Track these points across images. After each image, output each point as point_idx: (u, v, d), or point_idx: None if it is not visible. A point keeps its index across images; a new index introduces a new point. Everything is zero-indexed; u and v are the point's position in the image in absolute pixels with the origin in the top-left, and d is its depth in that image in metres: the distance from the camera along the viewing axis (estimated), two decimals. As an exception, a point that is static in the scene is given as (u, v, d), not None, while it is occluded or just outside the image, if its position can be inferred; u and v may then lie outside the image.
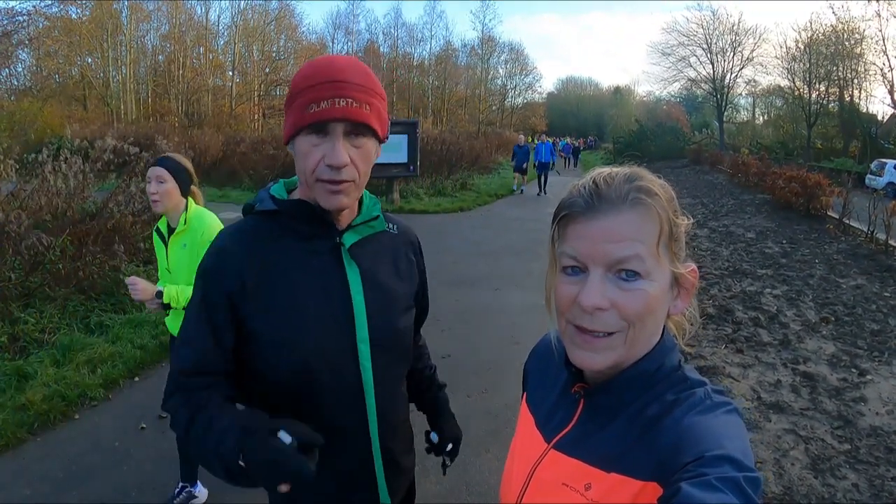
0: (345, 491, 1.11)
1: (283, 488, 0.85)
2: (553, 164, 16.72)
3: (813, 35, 32.65)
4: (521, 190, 16.35)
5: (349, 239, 1.06)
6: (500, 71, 53.95)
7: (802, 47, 33.16)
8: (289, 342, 1.00)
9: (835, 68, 31.52)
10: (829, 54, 31.50)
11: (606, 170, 0.70)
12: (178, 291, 2.18)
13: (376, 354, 1.06)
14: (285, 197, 1.07)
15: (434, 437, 1.39)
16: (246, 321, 1.00)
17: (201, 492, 2.62)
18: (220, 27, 39.81)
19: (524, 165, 16.03)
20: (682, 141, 33.38)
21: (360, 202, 1.11)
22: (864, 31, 29.86)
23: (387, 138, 1.04)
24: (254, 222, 1.06)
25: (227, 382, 1.04)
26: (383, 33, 49.44)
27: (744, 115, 45.02)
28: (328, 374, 1.02)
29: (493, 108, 53.32)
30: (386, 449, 1.12)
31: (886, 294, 6.03)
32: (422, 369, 1.41)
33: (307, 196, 1.03)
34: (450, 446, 1.40)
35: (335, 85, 0.92)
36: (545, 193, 15.44)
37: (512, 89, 54.57)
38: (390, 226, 1.17)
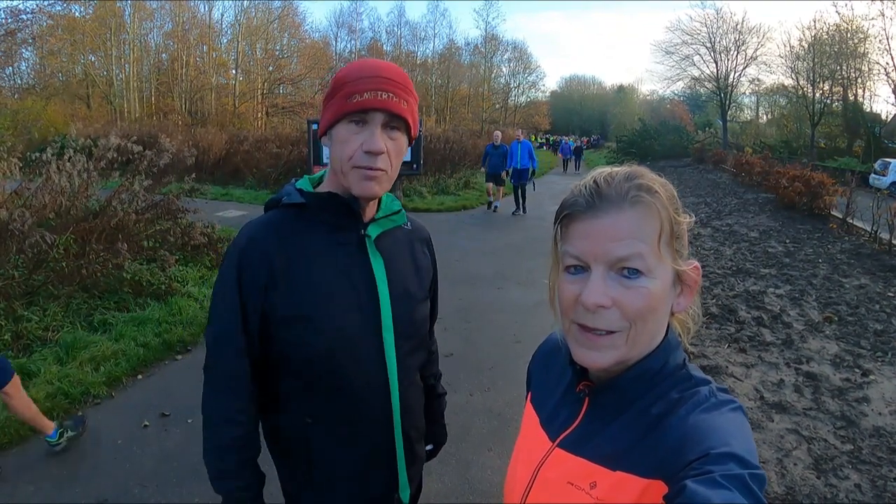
0: (367, 474, 1.14)
1: None
2: (533, 171, 11.72)
3: (817, 34, 32.58)
4: (495, 207, 12.01)
5: (374, 231, 1.10)
6: (504, 69, 54.07)
7: (806, 46, 33.08)
8: (315, 327, 1.04)
9: (839, 67, 31.44)
10: (833, 53, 31.41)
11: (607, 169, 0.70)
12: None
13: (399, 342, 1.11)
14: (312, 191, 1.11)
15: None
16: (274, 307, 1.05)
17: None
18: (224, 25, 39.95)
19: (501, 173, 11.76)
20: (685, 140, 33.35)
21: (379, 198, 1.15)
22: (868, 30, 29.79)
23: (413, 141, 1.09)
24: (281, 215, 1.10)
25: (255, 384, 1.11)
26: (386, 31, 49.67)
27: (747, 114, 44.96)
28: (354, 360, 1.07)
29: (497, 106, 53.31)
30: (406, 435, 1.16)
31: (890, 294, 6.01)
32: (428, 376, 1.42)
33: (336, 188, 1.07)
34: (429, 447, 1.44)
35: (377, 79, 0.99)
36: (523, 211, 11.65)
37: (515, 87, 54.60)
38: (405, 222, 1.21)
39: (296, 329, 1.04)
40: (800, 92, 33.91)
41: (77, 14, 31.32)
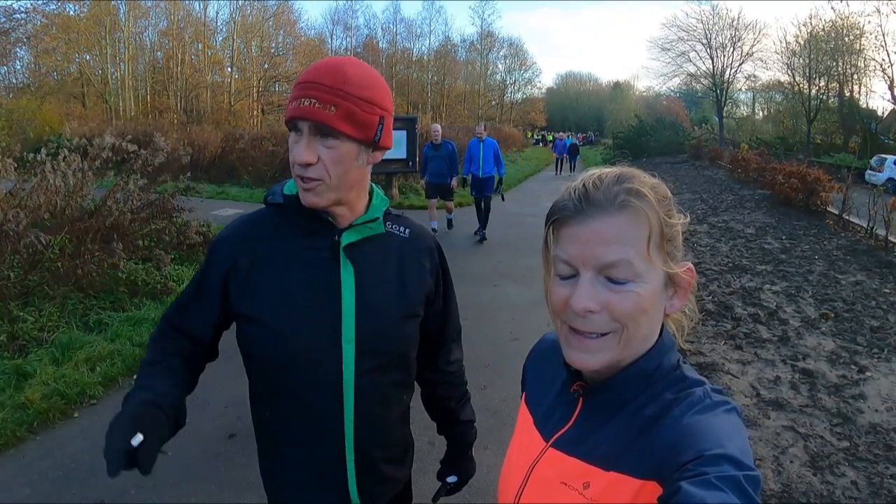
0: (317, 485, 1.12)
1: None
2: (500, 180, 8.76)
3: (813, 30, 32.68)
4: (434, 227, 8.22)
5: (347, 238, 1.06)
6: (500, 66, 54.22)
7: (802, 43, 33.21)
8: (272, 330, 1.04)
9: (834, 64, 31.58)
10: (829, 50, 31.54)
11: (597, 171, 0.70)
12: None
13: (362, 356, 1.06)
14: (294, 192, 1.08)
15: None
16: (234, 301, 1.07)
17: None
18: (219, 23, 39.90)
19: (450, 181, 8.25)
20: (681, 136, 33.30)
21: (370, 202, 1.11)
22: (863, 26, 29.94)
23: (379, 142, 1.02)
24: (265, 214, 1.11)
25: (193, 347, 1.14)
26: (382, 29, 49.61)
27: (743, 111, 45.15)
28: (309, 368, 1.05)
29: (493, 103, 53.37)
30: (363, 452, 1.11)
31: (886, 290, 6.03)
32: (447, 398, 1.36)
33: None
34: (453, 478, 1.39)
35: (305, 85, 0.95)
36: (482, 236, 8.48)
37: (511, 84, 54.69)
38: (400, 229, 1.16)
39: (253, 328, 1.05)
40: (796, 88, 34.05)
41: (71, 13, 31.27)
